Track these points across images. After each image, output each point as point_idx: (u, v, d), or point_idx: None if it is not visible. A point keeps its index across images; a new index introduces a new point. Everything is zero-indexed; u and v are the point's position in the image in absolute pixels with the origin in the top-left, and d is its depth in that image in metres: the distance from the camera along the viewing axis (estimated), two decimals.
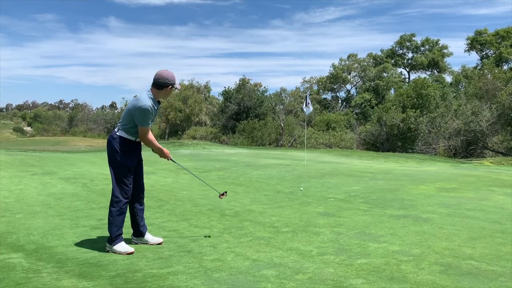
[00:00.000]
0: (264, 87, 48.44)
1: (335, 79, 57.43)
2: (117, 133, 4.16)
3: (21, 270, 3.63)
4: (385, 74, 53.78)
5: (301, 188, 8.09)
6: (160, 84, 4.10)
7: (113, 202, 4.15)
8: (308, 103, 13.46)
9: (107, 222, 4.22)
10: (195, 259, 3.92)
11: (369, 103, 50.12)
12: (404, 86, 45.58)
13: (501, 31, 51.29)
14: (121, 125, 4.16)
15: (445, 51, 56.04)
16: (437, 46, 56.31)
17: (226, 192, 4.90)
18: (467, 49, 53.95)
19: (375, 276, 3.49)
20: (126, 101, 77.06)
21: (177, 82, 4.17)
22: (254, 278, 3.43)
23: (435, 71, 55.90)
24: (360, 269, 3.66)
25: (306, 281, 3.36)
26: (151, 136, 4.17)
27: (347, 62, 58.22)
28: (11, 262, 3.84)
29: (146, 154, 5.03)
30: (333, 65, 58.23)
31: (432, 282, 3.36)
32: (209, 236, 4.34)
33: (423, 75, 53.81)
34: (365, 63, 57.79)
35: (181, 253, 4.13)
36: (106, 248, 4.17)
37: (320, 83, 58.54)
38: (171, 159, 4.40)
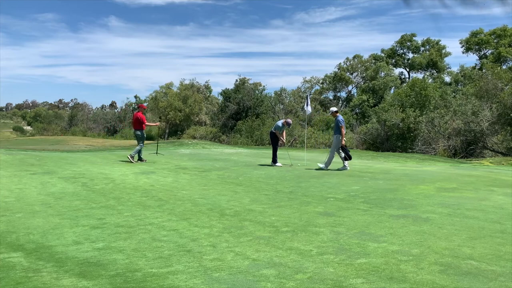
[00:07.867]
0: (263, 87, 48.47)
1: (339, 79, 57.39)
2: None
3: (20, 269, 3.63)
4: (382, 74, 53.69)
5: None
6: None
7: None
8: (308, 104, 13.46)
9: (107, 221, 4.23)
10: (195, 259, 3.92)
11: (367, 103, 50.10)
12: (404, 86, 45.52)
13: (498, 30, 51.07)
14: None
15: (443, 51, 55.87)
16: (436, 46, 56.20)
17: None
18: (464, 50, 53.88)
19: (375, 275, 3.49)
20: (129, 100, 77.29)
21: None
22: (254, 278, 3.43)
23: (434, 71, 55.79)
24: (359, 268, 3.66)
25: (306, 281, 3.37)
26: None
27: (351, 62, 58.20)
28: (11, 261, 3.84)
29: (145, 153, 5.02)
30: (339, 65, 58.27)
31: (432, 282, 3.36)
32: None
33: (422, 75, 53.75)
34: (367, 63, 57.73)
35: (181, 252, 4.13)
36: None
37: (323, 82, 58.48)
38: None
